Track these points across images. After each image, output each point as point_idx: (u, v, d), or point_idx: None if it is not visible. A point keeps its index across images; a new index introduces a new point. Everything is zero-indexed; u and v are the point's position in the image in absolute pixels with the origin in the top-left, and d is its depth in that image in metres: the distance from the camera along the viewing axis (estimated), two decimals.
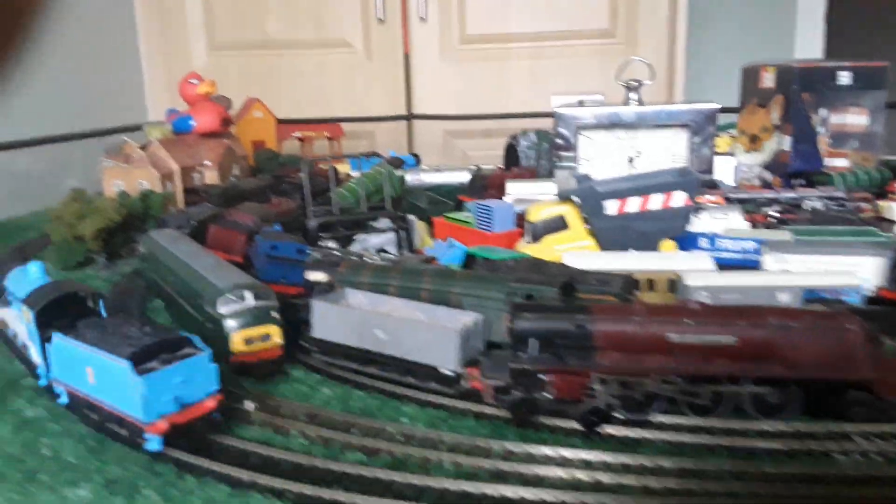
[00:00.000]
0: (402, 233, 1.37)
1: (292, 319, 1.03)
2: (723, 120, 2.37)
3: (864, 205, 1.63)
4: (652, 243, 1.20)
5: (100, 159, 2.26)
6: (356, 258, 1.16)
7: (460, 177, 2.26)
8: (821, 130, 2.03)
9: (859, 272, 1.09)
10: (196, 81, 2.14)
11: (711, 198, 1.66)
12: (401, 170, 2.29)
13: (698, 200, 1.62)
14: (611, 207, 1.19)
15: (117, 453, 0.80)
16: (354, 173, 2.26)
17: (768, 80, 1.97)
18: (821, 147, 1.98)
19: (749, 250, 1.29)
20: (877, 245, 1.14)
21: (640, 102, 2.01)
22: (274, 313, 0.97)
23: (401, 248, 1.45)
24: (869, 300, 1.06)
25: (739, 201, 1.72)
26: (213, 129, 2.12)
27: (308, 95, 3.51)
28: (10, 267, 1.07)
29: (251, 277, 1.00)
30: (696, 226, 1.44)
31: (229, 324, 0.95)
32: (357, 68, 3.51)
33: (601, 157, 2.02)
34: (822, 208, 1.62)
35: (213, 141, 2.09)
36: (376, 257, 1.17)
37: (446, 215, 1.49)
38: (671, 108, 1.96)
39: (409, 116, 3.42)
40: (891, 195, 1.67)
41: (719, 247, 1.32)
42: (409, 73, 3.48)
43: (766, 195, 1.70)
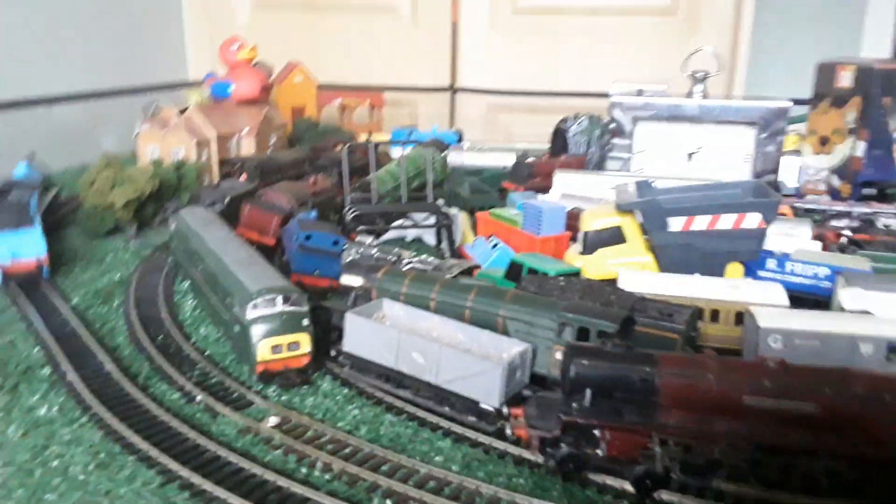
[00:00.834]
0: (443, 230, 1.29)
1: (324, 324, 0.97)
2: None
3: None
4: (717, 266, 1.10)
5: (137, 118, 2.21)
6: (394, 259, 1.08)
7: (505, 159, 2.15)
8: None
9: None
10: (237, 46, 2.05)
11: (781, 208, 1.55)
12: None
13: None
14: (675, 224, 1.09)
15: (127, 470, 0.75)
16: (395, 151, 2.18)
17: (845, 80, 1.82)
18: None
19: (821, 277, 1.18)
20: None
21: (706, 95, 1.88)
22: (305, 321, 0.90)
23: (440, 245, 1.37)
24: None
25: (806, 211, 1.61)
26: (253, 97, 2.04)
27: (351, 61, 3.41)
28: None
29: (284, 280, 0.93)
30: (766, 242, 1.34)
31: (256, 330, 0.88)
32: (402, 35, 3.39)
33: (658, 150, 1.91)
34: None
35: (252, 108, 2.01)
36: (416, 259, 1.09)
37: (492, 211, 1.40)
38: (740, 103, 1.83)
39: (452, 89, 3.30)
40: None
41: (788, 270, 1.21)
42: (456, 44, 3.35)
43: (836, 207, 1.58)
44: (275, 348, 0.89)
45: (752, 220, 1.07)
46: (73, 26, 2.54)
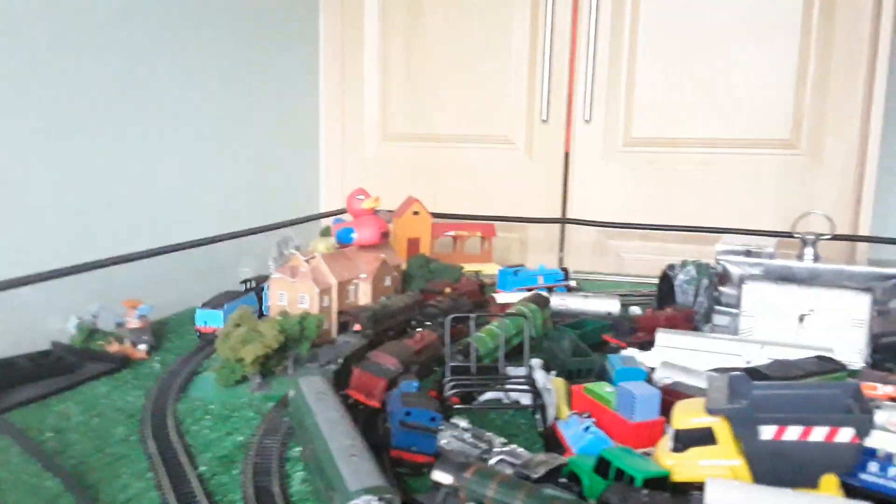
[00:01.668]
0: (537, 409, 1.34)
1: None
2: None
3: None
4: (811, 477, 1.07)
5: (271, 251, 2.47)
6: (485, 447, 1.15)
7: (609, 305, 2.19)
8: None
9: None
10: (363, 197, 2.28)
11: (890, 390, 1.47)
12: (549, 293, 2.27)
13: (871, 392, 1.44)
14: (766, 432, 1.08)
15: None
16: (502, 296, 2.27)
17: None
18: None
19: None
20: None
21: (816, 258, 1.84)
22: None
23: (535, 414, 1.41)
24: None
25: None
26: (373, 243, 2.23)
27: (467, 191, 3.62)
28: None
29: (383, 479, 1.02)
30: (871, 437, 1.28)
31: None
32: (517, 166, 3.57)
33: (768, 312, 1.88)
34: None
35: (370, 254, 2.20)
36: (505, 450, 1.15)
37: (586, 386, 1.44)
38: (851, 268, 1.78)
39: (563, 220, 3.40)
40: None
41: (892, 475, 1.15)
42: (568, 174, 3.48)
43: None
44: None
45: (845, 435, 1.04)
46: (221, 169, 2.91)
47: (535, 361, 1.65)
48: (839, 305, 1.79)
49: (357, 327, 1.85)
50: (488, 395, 1.55)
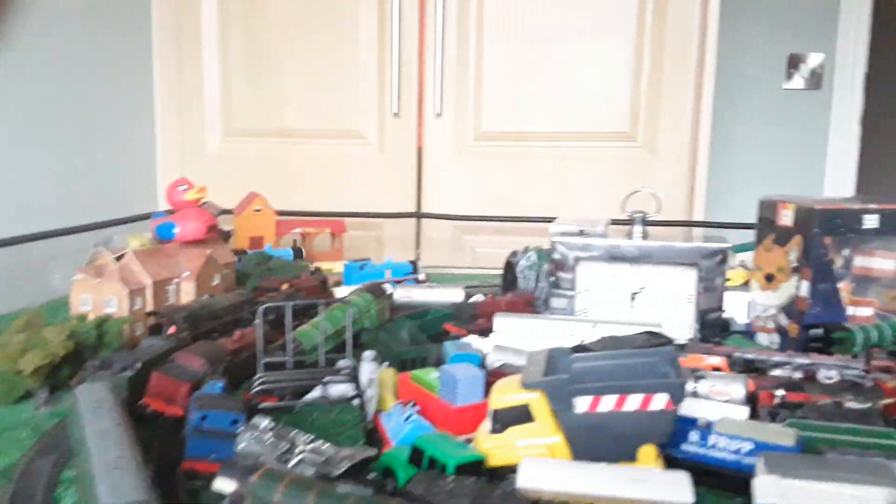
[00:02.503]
0: (357, 400, 1.24)
1: None
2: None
3: (884, 378, 1.44)
4: (629, 448, 1.03)
5: (88, 253, 2.20)
6: (286, 447, 1.02)
7: (455, 295, 2.13)
8: (843, 275, 1.85)
9: None
10: (185, 187, 2.07)
11: (715, 360, 1.50)
12: (393, 286, 2.18)
13: (699, 365, 1.46)
14: (581, 404, 1.04)
15: None
16: (343, 291, 2.16)
17: (786, 218, 1.82)
18: (843, 295, 1.80)
19: (744, 453, 1.11)
20: (884, 473, 0.96)
21: (645, 236, 1.87)
22: None
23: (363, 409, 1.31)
24: None
25: (746, 362, 1.56)
26: (197, 238, 2.04)
27: (319, 188, 3.48)
28: None
29: (146, 493, 0.87)
30: (692, 406, 1.28)
31: None
32: (369, 161, 3.47)
33: (601, 291, 1.88)
34: (836, 381, 1.44)
35: (195, 250, 2.01)
36: (309, 448, 1.03)
37: (412, 373, 1.35)
38: (678, 246, 1.82)
39: (418, 214, 3.34)
40: None
41: (711, 444, 1.15)
42: (422, 169, 3.42)
43: (774, 358, 1.53)
44: None
45: (660, 402, 1.02)
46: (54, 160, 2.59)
47: (368, 353, 1.55)
48: (668, 282, 1.83)
49: (172, 330, 1.66)
50: (316, 393, 1.43)
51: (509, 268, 2.21)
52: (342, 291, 2.13)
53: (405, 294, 2.11)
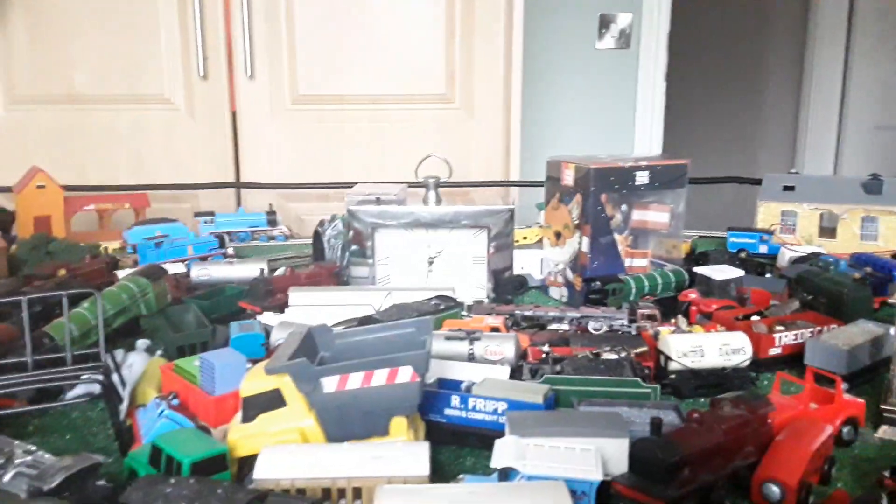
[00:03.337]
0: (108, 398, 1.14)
1: None
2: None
3: (648, 326, 1.56)
4: (380, 423, 1.04)
5: None
6: (1, 461, 0.93)
7: (254, 270, 2.04)
8: (622, 229, 1.98)
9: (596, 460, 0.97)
10: None
11: (493, 321, 1.55)
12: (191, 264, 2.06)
13: (475, 326, 1.50)
14: (329, 384, 1.03)
15: None
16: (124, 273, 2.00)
17: (568, 177, 1.90)
18: (621, 248, 1.93)
19: (500, 413, 1.16)
20: (616, 424, 1.03)
21: (439, 201, 1.89)
22: None
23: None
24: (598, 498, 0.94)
25: (524, 318, 1.63)
26: None
27: (122, 158, 3.21)
28: None
29: None
30: (459, 369, 1.32)
31: None
32: (178, 127, 3.24)
33: (401, 258, 1.89)
34: (604, 332, 1.55)
35: None
36: (29, 460, 0.94)
37: (175, 363, 1.28)
38: (468, 209, 1.85)
39: (236, 184, 3.18)
40: (671, 321, 1.60)
41: (471, 406, 1.18)
42: (237, 134, 3.25)
43: (550, 314, 1.61)
44: None
45: (405, 374, 1.03)
46: None
47: (141, 342, 1.45)
48: (461, 245, 1.86)
49: None
50: (80, 390, 1.32)
51: (317, 237, 2.16)
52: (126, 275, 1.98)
53: (202, 271, 2.00)
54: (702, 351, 1.36)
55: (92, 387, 1.25)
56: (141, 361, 1.37)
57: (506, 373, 1.29)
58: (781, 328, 1.48)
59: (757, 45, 5.28)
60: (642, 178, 1.89)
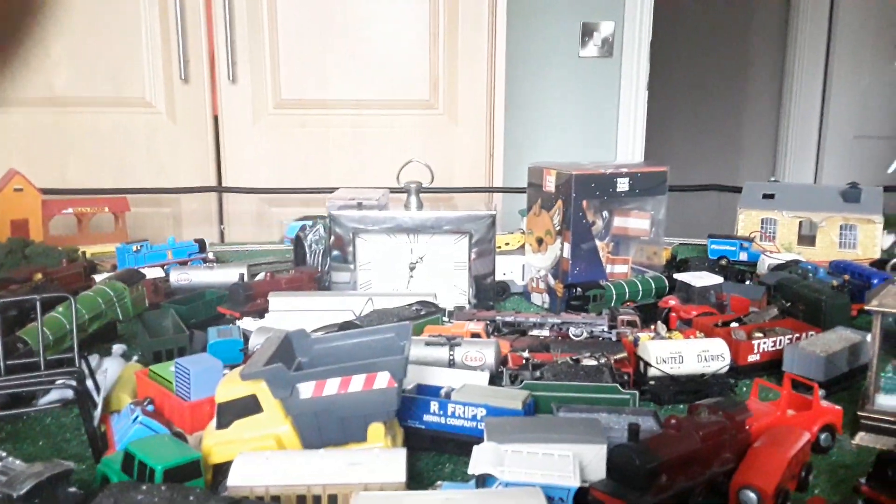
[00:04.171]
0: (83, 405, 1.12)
1: None
2: None
3: (628, 332, 1.56)
4: (357, 429, 1.03)
5: None
6: None
7: (234, 275, 2.02)
8: (603, 235, 1.99)
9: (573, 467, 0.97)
10: None
11: (474, 327, 1.54)
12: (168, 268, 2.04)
13: (456, 332, 1.49)
14: (306, 390, 1.02)
15: None
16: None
17: (550, 184, 1.91)
18: (601, 254, 1.93)
19: (479, 419, 1.16)
20: (594, 430, 1.03)
21: (420, 206, 1.89)
22: None
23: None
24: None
25: (505, 324, 1.62)
26: None
27: (104, 162, 3.18)
28: None
29: None
30: (439, 375, 1.31)
31: None
32: (160, 132, 3.21)
33: (382, 263, 1.88)
34: (583, 338, 1.55)
35: None
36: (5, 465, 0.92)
37: (151, 369, 1.26)
38: (449, 214, 1.85)
39: (218, 188, 3.15)
40: (651, 327, 1.60)
41: (450, 413, 1.18)
42: (220, 139, 3.23)
43: (531, 320, 1.61)
44: None
45: (382, 380, 1.02)
46: None
47: (117, 347, 1.44)
48: (443, 250, 1.86)
49: None
50: (53, 396, 1.30)
51: (299, 242, 2.15)
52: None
53: (182, 276, 1.98)
54: (681, 357, 1.36)
55: (65, 392, 1.24)
56: (116, 366, 1.35)
57: (486, 379, 1.28)
58: (760, 335, 1.49)
59: (738, 53, 5.34)
60: (623, 184, 1.90)
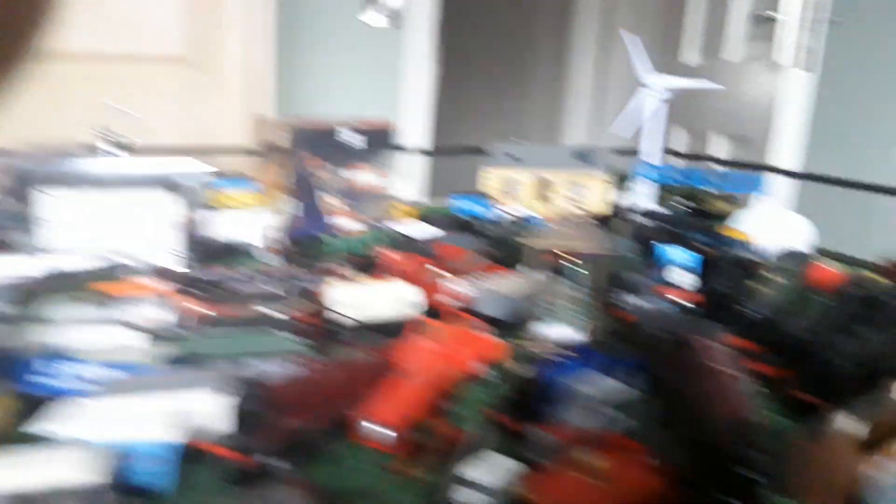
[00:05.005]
0: None
1: None
2: None
3: (329, 283, 1.50)
4: None
5: None
6: None
7: None
8: (332, 190, 1.93)
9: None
10: None
11: (166, 286, 1.41)
12: None
13: (132, 290, 1.35)
14: None
15: None
16: None
17: (279, 136, 1.80)
18: (329, 208, 1.87)
19: (87, 378, 1.03)
20: (221, 380, 0.95)
21: (118, 156, 1.70)
22: None
23: None
24: None
25: (201, 282, 1.50)
26: None
27: None
28: None
29: None
30: (86, 335, 1.17)
31: None
32: None
33: (70, 223, 1.67)
34: (281, 291, 1.47)
35: None
36: None
37: None
38: (150, 168, 1.68)
39: None
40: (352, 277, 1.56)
41: (56, 372, 1.04)
42: None
43: (234, 277, 1.50)
44: None
45: None
46: None
47: None
48: (145, 207, 1.69)
49: None
50: None
51: None
52: None
53: None
54: (367, 302, 1.33)
55: None
56: None
57: (143, 339, 1.15)
58: (452, 277, 1.50)
59: (523, 25, 5.56)
60: (348, 137, 1.85)
